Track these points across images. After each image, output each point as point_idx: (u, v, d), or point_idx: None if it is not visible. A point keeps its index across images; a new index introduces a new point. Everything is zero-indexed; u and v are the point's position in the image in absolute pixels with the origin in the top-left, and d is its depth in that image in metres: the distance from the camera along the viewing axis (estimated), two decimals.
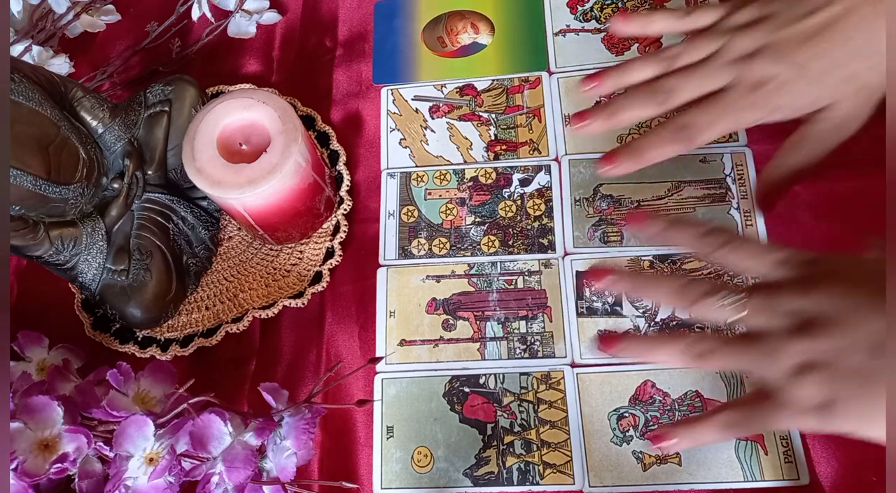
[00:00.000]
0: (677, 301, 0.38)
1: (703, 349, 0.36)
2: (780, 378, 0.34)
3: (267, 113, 0.49)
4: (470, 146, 0.58)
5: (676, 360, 0.37)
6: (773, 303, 0.35)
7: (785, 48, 0.40)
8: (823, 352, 0.33)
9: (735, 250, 0.37)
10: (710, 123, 0.41)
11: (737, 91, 0.41)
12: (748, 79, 0.40)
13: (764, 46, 0.40)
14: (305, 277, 0.55)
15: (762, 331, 0.35)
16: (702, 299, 0.36)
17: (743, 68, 0.41)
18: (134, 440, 0.40)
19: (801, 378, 0.33)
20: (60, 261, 0.50)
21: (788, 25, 0.40)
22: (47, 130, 0.47)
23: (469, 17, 0.63)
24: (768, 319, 0.35)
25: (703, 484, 0.46)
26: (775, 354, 0.34)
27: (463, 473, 0.48)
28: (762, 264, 0.36)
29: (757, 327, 0.35)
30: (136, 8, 0.68)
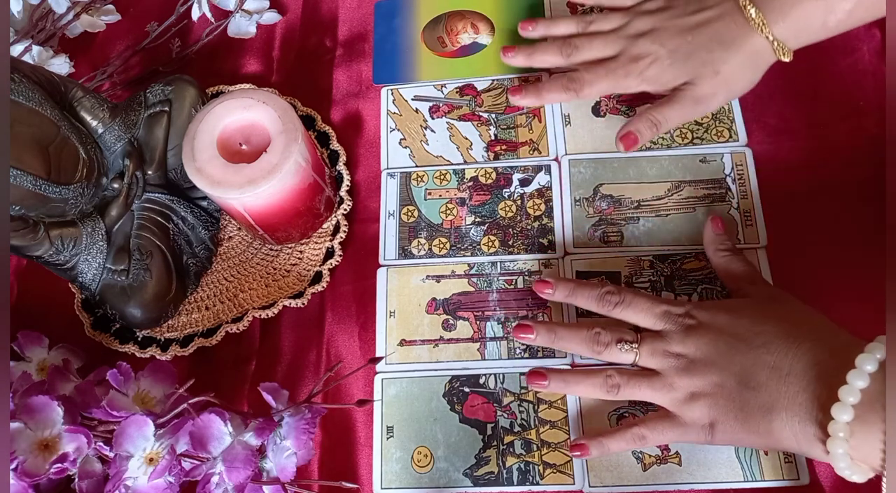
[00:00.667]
0: (587, 350, 0.47)
1: (614, 383, 0.45)
2: (676, 405, 0.44)
3: (267, 113, 0.49)
4: (470, 146, 0.58)
5: (595, 392, 0.46)
6: (659, 349, 0.45)
7: (665, 34, 0.50)
8: (704, 386, 0.43)
9: (626, 307, 0.46)
10: (592, 81, 0.51)
11: (619, 60, 0.51)
12: (631, 52, 0.51)
13: (652, 29, 0.51)
14: (305, 277, 0.55)
15: (656, 369, 0.45)
16: (605, 348, 0.46)
17: (630, 43, 0.51)
18: (134, 440, 0.40)
19: (691, 404, 0.43)
20: (60, 261, 0.50)
21: (676, 17, 0.50)
22: (47, 130, 0.47)
23: (469, 16, 0.63)
24: (658, 361, 0.44)
25: (703, 484, 0.46)
26: (669, 387, 0.44)
27: (463, 473, 0.48)
28: (648, 317, 0.46)
29: (651, 366, 0.45)
30: (136, 8, 0.68)
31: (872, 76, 0.55)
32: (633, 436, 0.45)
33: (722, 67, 0.48)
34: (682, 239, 0.52)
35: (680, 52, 0.49)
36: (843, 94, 0.55)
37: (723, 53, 0.48)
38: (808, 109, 0.55)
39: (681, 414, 0.44)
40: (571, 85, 0.52)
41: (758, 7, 0.47)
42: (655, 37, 0.50)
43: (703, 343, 0.43)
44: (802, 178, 0.53)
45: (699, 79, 0.49)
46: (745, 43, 0.48)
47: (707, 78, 0.49)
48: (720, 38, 0.48)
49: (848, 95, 0.55)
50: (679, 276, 0.51)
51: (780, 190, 0.53)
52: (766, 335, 0.42)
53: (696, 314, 0.45)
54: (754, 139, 0.54)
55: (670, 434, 0.44)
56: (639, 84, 0.51)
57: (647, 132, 0.50)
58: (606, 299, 0.47)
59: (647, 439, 0.45)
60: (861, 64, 0.55)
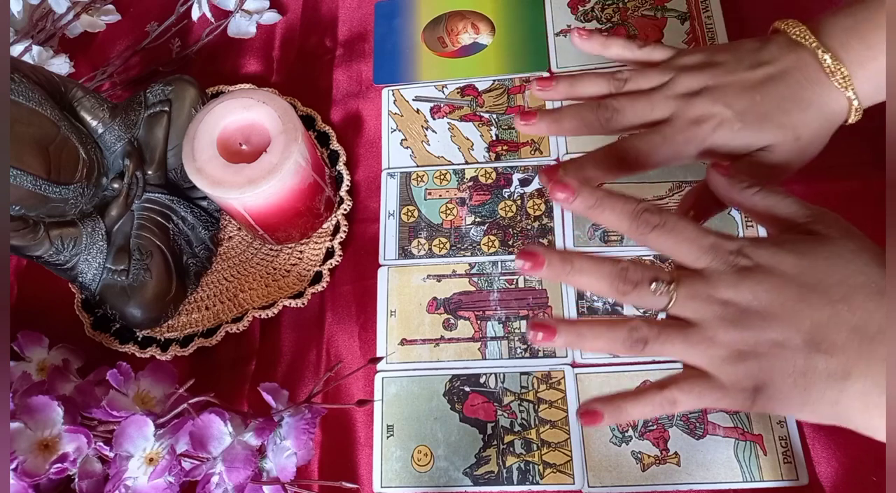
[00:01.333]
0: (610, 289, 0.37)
1: (639, 337, 0.36)
2: (716, 364, 0.35)
3: (267, 113, 0.49)
4: (471, 146, 0.58)
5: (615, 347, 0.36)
6: (702, 293, 0.36)
7: (727, 92, 0.42)
8: (756, 343, 0.34)
9: (668, 233, 0.37)
10: (649, 153, 0.42)
11: (676, 124, 0.42)
12: (688, 114, 0.42)
13: (707, 88, 0.42)
14: (305, 277, 0.55)
15: (694, 320, 0.36)
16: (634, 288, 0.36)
17: (685, 104, 0.42)
18: (134, 440, 0.40)
19: (736, 364, 0.35)
20: (60, 261, 0.50)
21: (732, 74, 0.42)
22: (47, 130, 0.47)
23: (469, 17, 0.63)
24: (699, 308, 0.35)
25: (702, 485, 0.46)
26: (708, 342, 0.35)
27: (463, 472, 0.48)
28: (692, 249, 0.36)
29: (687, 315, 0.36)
30: (136, 8, 0.68)
31: None
32: (663, 400, 0.36)
33: (803, 132, 0.41)
34: None
35: (752, 113, 0.41)
36: None
37: (801, 115, 0.41)
38: None
39: (720, 375, 0.35)
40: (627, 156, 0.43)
41: (836, 57, 0.40)
42: (716, 96, 0.42)
43: (762, 290, 0.35)
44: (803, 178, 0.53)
45: (778, 146, 0.41)
46: (824, 102, 0.41)
47: (788, 144, 0.41)
48: (795, 98, 0.41)
49: None
50: None
51: None
52: (847, 287, 0.34)
53: (752, 254, 0.36)
54: None
55: (707, 399, 0.36)
56: (701, 152, 0.42)
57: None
58: (644, 219, 0.37)
59: (678, 404, 0.36)
60: None
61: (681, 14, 0.60)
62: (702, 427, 0.47)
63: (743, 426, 0.47)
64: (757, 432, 0.46)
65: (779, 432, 0.46)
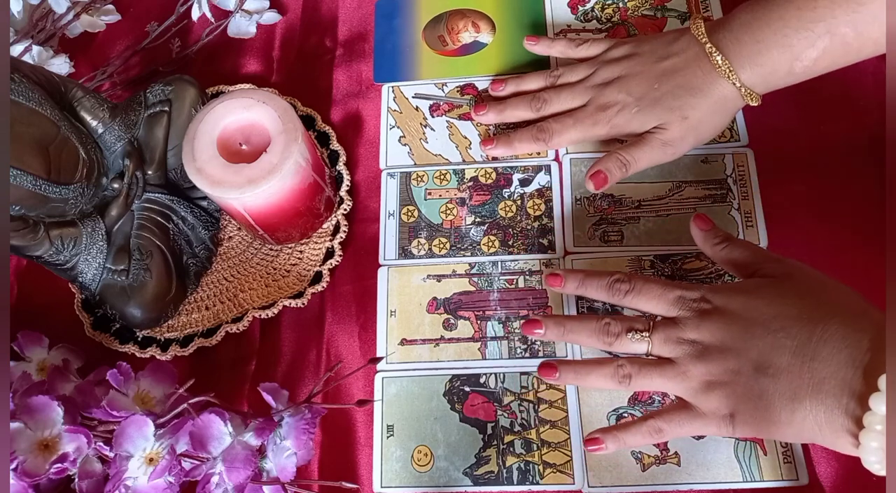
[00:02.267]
0: (598, 342, 0.45)
1: (625, 373, 0.44)
2: (692, 394, 0.42)
3: (267, 113, 0.49)
4: (469, 145, 0.58)
5: (606, 383, 0.45)
6: (672, 336, 0.43)
7: (632, 81, 0.51)
8: (720, 374, 0.41)
9: (638, 295, 0.45)
10: (560, 131, 0.53)
11: (587, 109, 0.52)
12: (598, 101, 0.52)
13: (618, 77, 0.52)
14: (305, 277, 0.55)
15: (670, 358, 0.43)
16: (616, 338, 0.44)
17: (597, 92, 0.52)
18: (134, 440, 0.40)
19: (708, 394, 0.41)
20: (60, 261, 0.50)
21: (642, 65, 0.51)
22: (47, 130, 0.47)
23: (470, 15, 0.63)
24: (672, 349, 0.43)
25: (702, 485, 0.46)
26: (682, 376, 0.42)
27: (463, 472, 0.48)
28: (661, 303, 0.44)
29: (664, 355, 0.43)
30: (136, 8, 0.68)
31: (872, 76, 0.55)
32: (649, 429, 0.43)
33: (690, 113, 0.49)
34: (683, 239, 0.52)
35: (647, 99, 0.50)
36: (843, 93, 0.55)
37: (690, 99, 0.49)
38: (809, 109, 0.55)
39: (698, 404, 0.42)
40: (541, 135, 0.53)
41: (724, 54, 0.48)
42: (622, 85, 0.51)
43: (716, 328, 0.41)
44: (803, 178, 0.53)
45: (668, 124, 0.49)
46: (713, 89, 0.48)
47: (676, 123, 0.49)
48: (687, 85, 0.49)
49: (848, 95, 0.55)
50: (680, 276, 0.51)
51: (781, 191, 0.53)
52: (785, 318, 0.39)
53: (711, 298, 0.43)
54: (756, 140, 0.54)
55: (689, 427, 0.42)
56: (608, 131, 0.52)
57: (616, 172, 0.51)
58: (616, 288, 0.46)
59: (664, 432, 0.43)
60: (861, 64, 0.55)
61: (681, 14, 0.60)
62: None
63: None
64: None
65: None
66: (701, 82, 0.49)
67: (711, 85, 0.48)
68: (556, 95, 0.54)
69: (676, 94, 0.49)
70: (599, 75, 0.53)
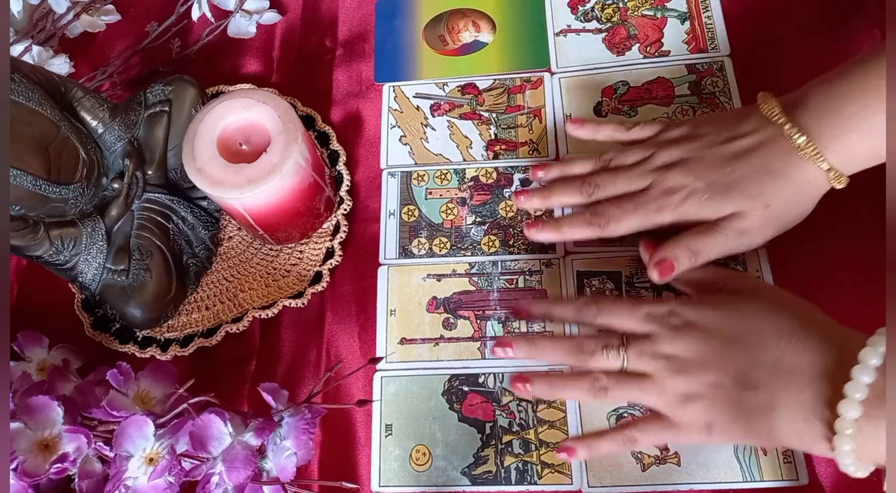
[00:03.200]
0: (572, 360, 0.45)
1: (601, 387, 0.43)
2: (669, 408, 0.42)
3: (267, 113, 0.49)
4: (469, 145, 0.58)
5: (582, 396, 0.45)
6: (647, 351, 0.43)
7: (699, 165, 0.46)
8: (698, 387, 0.41)
9: (607, 315, 0.45)
10: (619, 217, 0.48)
11: (650, 194, 0.47)
12: (662, 185, 0.47)
13: (682, 160, 0.47)
14: (305, 277, 0.55)
15: (648, 373, 0.43)
16: (590, 356, 0.44)
17: (659, 176, 0.47)
18: (134, 440, 0.40)
19: (685, 407, 0.41)
20: (60, 261, 0.50)
21: (708, 147, 0.47)
22: (47, 130, 0.47)
23: (470, 15, 0.63)
24: (648, 364, 0.43)
25: (702, 485, 0.46)
26: (660, 390, 0.42)
27: (461, 472, 0.48)
28: (631, 321, 0.44)
29: (642, 369, 0.43)
30: (136, 8, 0.68)
31: None
32: (623, 439, 0.44)
33: (772, 200, 0.44)
34: None
35: (719, 184, 0.45)
36: None
37: (771, 184, 0.44)
38: None
39: (674, 417, 0.42)
40: (596, 219, 0.48)
41: (808, 135, 0.43)
42: (688, 168, 0.46)
43: (693, 343, 0.42)
44: None
45: (747, 212, 0.45)
46: (796, 173, 0.44)
47: (756, 212, 0.44)
48: (766, 168, 0.44)
49: None
50: None
51: None
52: (761, 333, 0.41)
53: (681, 313, 0.43)
54: None
55: (663, 437, 0.43)
56: (674, 219, 0.47)
57: (685, 262, 0.46)
58: (584, 311, 0.46)
59: (637, 441, 0.43)
60: None
61: (681, 14, 0.60)
62: None
63: None
64: None
65: None
66: (782, 165, 0.44)
67: (794, 168, 0.44)
68: (610, 179, 0.49)
69: (754, 178, 0.44)
70: (659, 158, 0.48)
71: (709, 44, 0.58)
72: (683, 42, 0.58)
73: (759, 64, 0.57)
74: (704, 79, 0.57)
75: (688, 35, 0.59)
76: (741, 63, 0.57)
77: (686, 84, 0.57)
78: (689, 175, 0.46)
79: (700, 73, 0.57)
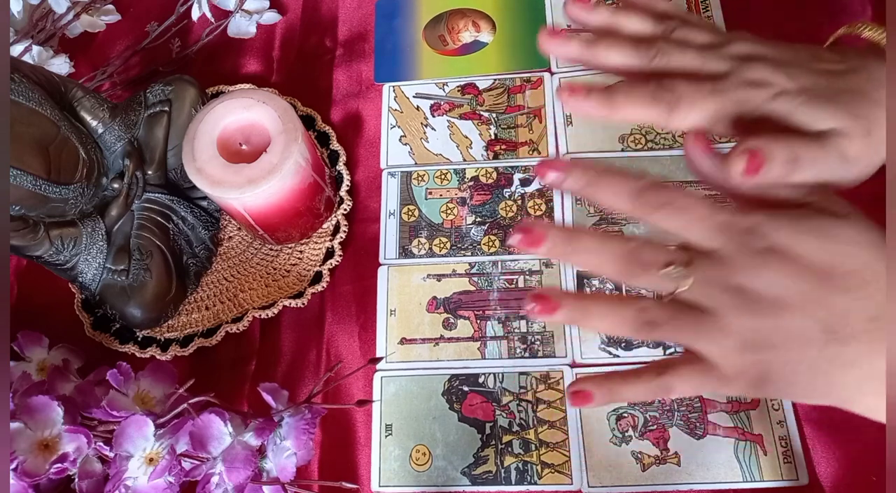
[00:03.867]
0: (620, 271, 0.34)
1: (648, 319, 0.33)
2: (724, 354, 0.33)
3: (267, 113, 0.49)
4: (469, 145, 0.58)
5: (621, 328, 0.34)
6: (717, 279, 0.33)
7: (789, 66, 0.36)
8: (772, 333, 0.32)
9: (676, 212, 0.34)
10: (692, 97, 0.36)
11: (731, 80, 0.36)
12: (745, 75, 0.36)
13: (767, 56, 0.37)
14: (305, 277, 0.55)
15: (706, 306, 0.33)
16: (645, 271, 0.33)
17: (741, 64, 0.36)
18: (134, 440, 0.40)
19: (744, 354, 0.33)
20: (60, 261, 0.50)
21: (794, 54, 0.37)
22: (47, 130, 0.47)
23: (470, 15, 0.63)
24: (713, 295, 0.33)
25: (702, 485, 0.46)
26: (720, 331, 0.33)
27: (461, 472, 0.48)
28: (703, 228, 0.34)
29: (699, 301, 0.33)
30: (136, 8, 0.68)
31: None
32: (658, 386, 0.34)
33: (874, 129, 0.35)
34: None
35: (816, 91, 0.35)
36: None
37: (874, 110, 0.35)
38: None
39: (725, 365, 0.33)
40: (665, 95, 0.36)
41: None
42: (776, 66, 0.36)
43: (779, 277, 0.32)
44: None
45: (850, 133, 0.35)
46: None
47: (859, 136, 0.35)
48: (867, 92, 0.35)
49: None
50: None
51: None
52: (866, 273, 0.32)
53: (769, 234, 0.33)
54: None
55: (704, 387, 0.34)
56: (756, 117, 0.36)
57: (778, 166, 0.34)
58: (647, 198, 0.34)
59: (674, 391, 0.34)
60: None
61: None
62: (702, 427, 0.47)
63: (743, 425, 0.47)
64: (757, 432, 0.46)
65: (779, 432, 0.46)
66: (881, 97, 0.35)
67: None
68: (678, 50, 0.37)
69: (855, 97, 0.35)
70: (737, 47, 0.37)
71: None
72: None
73: None
74: None
75: None
76: None
77: None
78: (778, 73, 0.36)
79: None
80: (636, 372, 0.34)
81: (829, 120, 0.35)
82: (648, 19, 0.39)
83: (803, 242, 0.32)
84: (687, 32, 0.38)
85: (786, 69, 0.36)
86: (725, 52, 0.37)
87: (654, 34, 0.39)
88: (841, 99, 0.35)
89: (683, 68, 0.37)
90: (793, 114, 0.35)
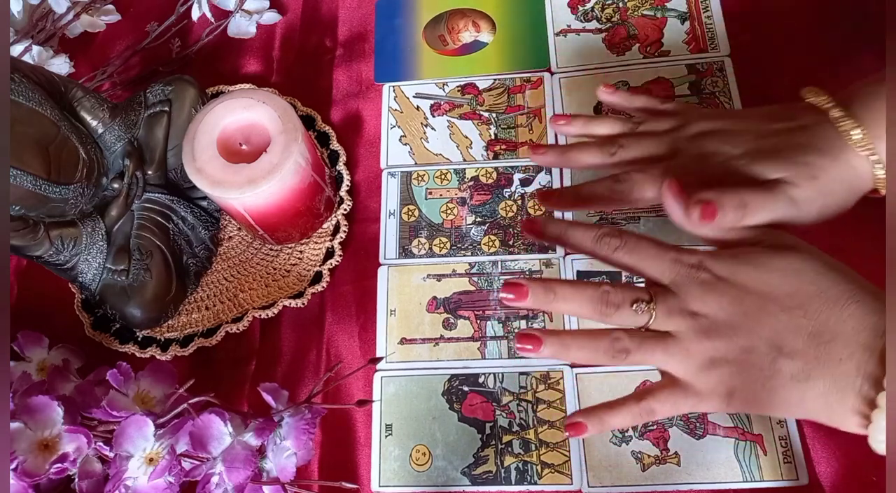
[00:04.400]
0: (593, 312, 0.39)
1: (622, 348, 0.38)
2: (692, 372, 0.38)
3: (267, 113, 0.49)
4: (469, 145, 0.58)
5: (598, 358, 0.39)
6: (676, 308, 0.38)
7: (737, 136, 0.42)
8: (727, 351, 0.37)
9: (630, 252, 0.39)
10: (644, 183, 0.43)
11: (678, 159, 0.43)
12: (693, 151, 0.43)
13: (720, 130, 0.43)
14: (305, 277, 0.55)
15: (672, 332, 0.38)
16: (616, 310, 0.38)
17: (692, 142, 0.43)
18: (134, 440, 0.40)
19: (709, 372, 0.37)
20: (60, 261, 0.50)
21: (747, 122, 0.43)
22: (47, 130, 0.47)
23: (470, 15, 0.63)
24: (675, 322, 0.38)
25: (702, 484, 0.46)
26: (685, 353, 0.38)
27: (461, 472, 0.48)
28: (655, 264, 0.39)
29: (665, 329, 0.38)
30: (136, 8, 0.69)
31: None
32: (640, 410, 0.39)
33: (820, 175, 0.40)
34: (683, 239, 0.52)
35: (761, 151, 0.41)
36: None
37: (819, 159, 0.40)
38: None
39: (695, 383, 0.38)
40: (618, 186, 0.44)
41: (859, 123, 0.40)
42: (725, 138, 0.43)
43: (726, 302, 0.37)
44: None
45: (796, 179, 0.40)
46: (842, 156, 0.40)
47: (805, 182, 0.40)
48: (812, 145, 0.40)
49: None
50: None
51: None
52: (801, 296, 0.36)
53: (711, 267, 0.38)
54: None
55: (683, 406, 0.39)
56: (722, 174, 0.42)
57: (730, 214, 0.39)
58: (604, 242, 0.40)
59: (656, 413, 0.39)
60: None
61: (681, 14, 0.60)
62: (702, 427, 0.47)
63: (743, 425, 0.47)
64: (757, 432, 0.46)
65: (779, 432, 0.46)
66: (829, 147, 0.40)
67: (841, 151, 0.40)
68: (636, 142, 0.45)
69: (801, 150, 0.40)
70: (693, 127, 0.44)
71: (709, 44, 0.58)
72: (683, 42, 0.58)
73: (759, 64, 0.57)
74: (704, 79, 0.57)
75: (688, 35, 0.59)
76: (741, 63, 0.57)
77: (686, 84, 0.57)
78: (726, 144, 0.42)
79: (700, 73, 0.57)
80: (620, 401, 0.39)
81: (776, 171, 0.40)
82: (617, 123, 0.48)
83: (741, 272, 0.37)
84: (651, 124, 0.46)
85: (735, 138, 0.42)
86: (682, 134, 0.44)
87: (622, 132, 0.47)
88: (785, 152, 0.41)
89: (642, 156, 0.45)
90: (745, 170, 0.41)
